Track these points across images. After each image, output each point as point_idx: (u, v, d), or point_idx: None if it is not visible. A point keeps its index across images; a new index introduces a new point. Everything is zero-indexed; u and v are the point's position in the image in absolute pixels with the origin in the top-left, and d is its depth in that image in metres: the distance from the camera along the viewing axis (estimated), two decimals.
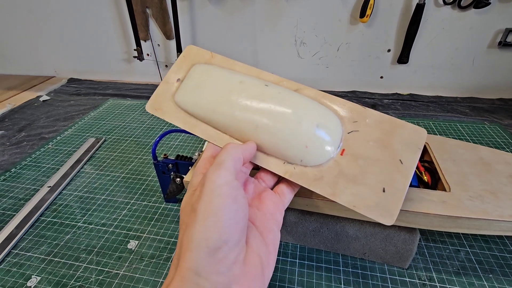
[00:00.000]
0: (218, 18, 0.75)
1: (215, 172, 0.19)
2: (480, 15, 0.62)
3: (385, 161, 0.23)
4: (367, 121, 0.25)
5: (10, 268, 0.35)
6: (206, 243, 0.16)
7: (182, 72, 0.30)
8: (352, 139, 0.24)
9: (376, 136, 0.24)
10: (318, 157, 0.24)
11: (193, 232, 0.17)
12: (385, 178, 0.23)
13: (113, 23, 0.82)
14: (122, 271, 0.34)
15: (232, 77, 0.28)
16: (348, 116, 0.26)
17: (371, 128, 0.25)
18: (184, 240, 0.18)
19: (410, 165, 0.23)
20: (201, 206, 0.18)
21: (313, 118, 0.24)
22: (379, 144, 0.24)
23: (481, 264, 0.33)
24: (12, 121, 0.68)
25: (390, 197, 0.22)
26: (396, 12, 0.66)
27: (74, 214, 0.42)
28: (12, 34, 0.90)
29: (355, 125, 0.25)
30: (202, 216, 0.17)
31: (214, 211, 0.17)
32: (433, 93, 0.73)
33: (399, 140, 0.24)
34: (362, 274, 0.32)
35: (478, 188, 0.30)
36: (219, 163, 0.20)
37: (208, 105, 0.27)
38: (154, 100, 0.30)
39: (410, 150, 0.23)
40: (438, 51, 0.68)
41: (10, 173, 0.51)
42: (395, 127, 0.24)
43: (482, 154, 0.35)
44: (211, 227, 0.17)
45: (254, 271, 0.18)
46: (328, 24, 0.70)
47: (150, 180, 0.48)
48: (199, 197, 0.18)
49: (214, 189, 0.18)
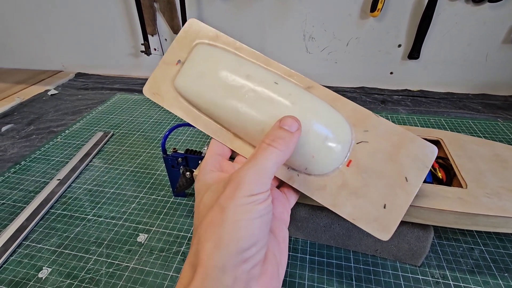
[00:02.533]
0: (226, 12, 0.74)
1: (256, 180, 0.18)
2: (495, 10, 0.61)
3: (391, 176, 0.22)
4: (378, 131, 0.24)
5: (21, 259, 0.35)
6: (238, 243, 0.16)
7: (183, 52, 0.27)
8: (360, 150, 0.23)
9: (385, 149, 0.23)
10: (323, 167, 0.23)
11: (224, 231, 0.17)
12: (388, 193, 0.22)
13: (121, 17, 0.82)
14: (132, 264, 0.34)
15: (239, 68, 0.25)
16: (359, 124, 0.24)
17: (381, 140, 0.23)
18: (207, 237, 0.17)
19: (415, 184, 0.22)
20: (233, 206, 0.17)
21: (323, 128, 0.23)
22: (386, 157, 0.23)
23: (496, 263, 0.32)
24: (21, 115, 0.69)
25: (390, 214, 0.22)
26: (408, 6, 0.64)
27: (83, 207, 0.42)
28: (21, 28, 0.91)
29: (365, 134, 0.24)
30: (233, 217, 0.17)
31: (246, 213, 0.17)
32: (444, 90, 0.72)
33: (408, 155, 0.23)
34: (374, 271, 0.32)
35: (495, 185, 0.29)
36: (262, 170, 0.18)
37: (211, 99, 0.25)
38: (152, 83, 0.27)
39: (417, 167, 0.23)
40: (450, 46, 0.67)
41: (20, 165, 0.51)
42: (406, 140, 0.23)
43: (498, 151, 0.34)
44: (244, 229, 0.17)
45: (271, 270, 0.18)
46: (337, 19, 0.69)
47: (158, 174, 0.47)
48: (230, 195, 0.17)
49: (251, 197, 0.17)
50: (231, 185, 0.18)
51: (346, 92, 0.74)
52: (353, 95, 0.72)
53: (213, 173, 0.22)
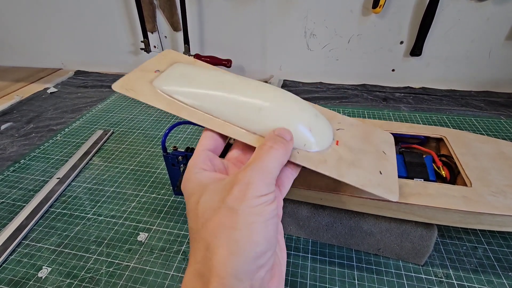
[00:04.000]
0: (226, 9, 0.73)
1: (263, 181, 0.17)
2: (498, 6, 0.60)
3: (372, 151, 0.27)
4: (347, 123, 0.29)
5: (21, 259, 0.34)
6: (255, 248, 0.15)
7: (162, 67, 0.27)
8: (341, 134, 0.27)
9: (358, 134, 0.28)
10: (319, 142, 0.24)
11: (239, 235, 0.16)
12: (377, 163, 0.26)
13: (120, 14, 0.81)
14: (132, 263, 0.33)
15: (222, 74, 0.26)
16: (331, 119, 0.29)
17: (352, 128, 0.29)
18: (219, 243, 0.16)
19: (392, 156, 0.27)
20: (245, 207, 0.16)
21: (311, 109, 0.25)
22: (363, 140, 0.28)
23: (499, 262, 0.32)
24: (21, 113, 0.69)
25: (387, 179, 0.25)
26: (411, 2, 0.63)
27: (83, 206, 0.41)
28: (20, 26, 0.90)
29: (340, 125, 0.28)
30: (247, 220, 0.16)
31: (260, 215, 0.16)
32: (446, 87, 0.71)
33: (377, 137, 0.29)
34: (377, 270, 0.32)
35: (501, 183, 0.28)
36: (268, 171, 0.18)
37: (198, 91, 0.24)
38: (126, 81, 0.26)
39: (387, 145, 0.29)
40: (453, 43, 0.66)
41: (19, 164, 0.51)
42: (370, 129, 0.30)
43: (502, 148, 0.34)
44: (259, 232, 0.16)
45: (278, 270, 0.18)
46: (339, 15, 0.68)
47: (158, 173, 0.47)
48: (239, 196, 0.17)
49: (260, 198, 0.17)
50: (239, 185, 0.17)
51: (347, 89, 0.74)
52: (355, 93, 0.72)
53: (206, 172, 0.20)
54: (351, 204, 0.29)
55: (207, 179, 0.19)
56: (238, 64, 0.81)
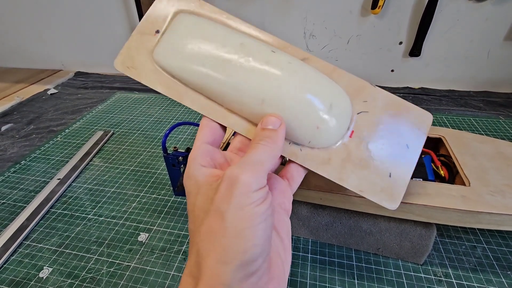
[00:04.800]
0: (226, 10, 0.73)
1: (251, 174, 0.16)
2: (497, 6, 0.60)
3: (392, 145, 0.23)
4: (376, 102, 0.23)
5: (22, 259, 0.35)
6: (243, 256, 0.15)
7: (161, 21, 0.23)
8: (361, 120, 0.23)
9: (384, 118, 0.23)
10: (327, 139, 0.22)
11: (228, 242, 0.15)
12: (391, 163, 0.22)
13: (120, 15, 0.81)
14: (133, 263, 0.34)
15: (230, 36, 0.22)
16: (357, 95, 0.23)
17: (379, 110, 0.23)
18: (208, 249, 0.15)
19: (416, 150, 0.23)
20: (231, 212, 0.15)
21: (326, 96, 0.22)
22: (387, 127, 0.23)
23: (498, 261, 0.32)
24: (21, 114, 0.69)
25: (395, 182, 0.22)
26: (409, 3, 0.64)
27: (84, 206, 0.42)
28: (20, 27, 0.90)
29: (364, 105, 0.23)
30: (236, 225, 0.15)
31: (249, 220, 0.15)
32: (445, 87, 0.71)
33: (406, 123, 0.23)
34: (376, 270, 0.32)
35: (499, 182, 0.29)
36: (256, 163, 0.17)
37: (200, 70, 0.21)
38: (125, 55, 0.23)
39: (415, 135, 0.23)
40: (451, 43, 0.66)
41: (20, 165, 0.51)
42: (403, 109, 0.23)
43: (501, 148, 0.34)
44: (249, 239, 0.15)
45: (278, 273, 0.17)
46: (338, 16, 0.69)
47: (159, 173, 0.47)
48: (226, 196, 0.16)
49: (248, 194, 0.15)
50: (225, 183, 0.16)
51: None
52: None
53: (204, 169, 0.19)
54: (350, 204, 0.30)
55: (203, 178, 0.18)
56: None
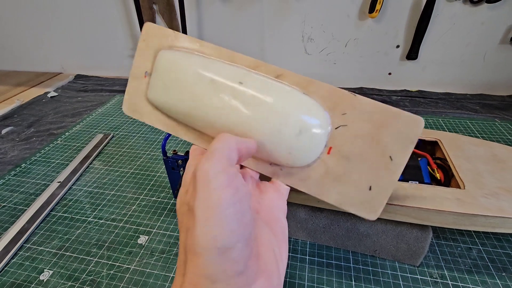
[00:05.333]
0: (225, 13, 0.74)
1: (208, 161, 0.16)
2: (493, 10, 0.61)
3: (374, 158, 0.21)
4: (357, 112, 0.21)
5: (23, 262, 0.35)
6: (215, 245, 0.14)
7: (148, 61, 0.26)
8: (340, 135, 0.22)
9: (365, 130, 0.21)
10: (303, 159, 0.22)
11: (197, 235, 0.15)
12: (372, 176, 0.21)
13: (120, 19, 0.82)
14: (133, 265, 0.34)
15: (201, 74, 0.23)
16: (336, 107, 0.22)
17: (361, 121, 0.21)
18: (188, 245, 0.16)
19: (400, 162, 0.20)
20: (198, 204, 0.15)
21: (295, 123, 0.21)
22: (368, 140, 0.21)
23: (493, 262, 0.33)
24: (21, 117, 0.69)
25: (376, 195, 0.21)
26: (406, 7, 0.64)
27: (84, 209, 0.42)
28: (20, 30, 0.91)
29: (344, 118, 0.22)
30: (203, 215, 0.15)
31: (214, 207, 0.15)
32: (442, 90, 0.72)
33: (392, 133, 0.21)
34: (373, 271, 0.32)
35: (493, 185, 0.29)
36: (212, 152, 0.17)
37: (182, 110, 0.24)
38: (128, 100, 0.27)
39: (402, 145, 0.20)
40: (448, 47, 0.67)
41: (21, 168, 0.51)
42: (389, 117, 0.21)
43: (495, 151, 0.34)
44: (216, 226, 0.15)
45: (270, 266, 0.17)
46: (336, 20, 0.69)
47: (158, 176, 0.48)
48: (194, 193, 0.16)
49: (209, 181, 0.15)
50: (192, 181, 0.16)
51: None
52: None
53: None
54: None
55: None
56: None
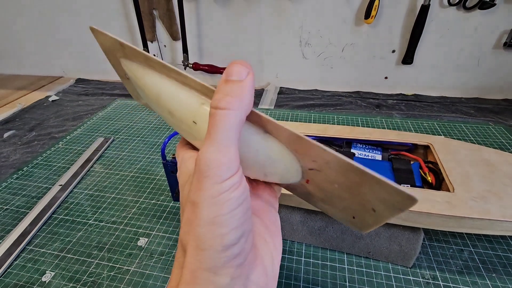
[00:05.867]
0: (224, 19, 0.76)
1: (220, 156, 0.14)
2: (485, 16, 0.63)
3: (354, 205, 0.18)
4: (329, 164, 0.17)
5: (25, 264, 0.36)
6: (222, 241, 0.14)
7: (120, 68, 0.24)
8: (315, 176, 0.18)
9: (341, 181, 0.17)
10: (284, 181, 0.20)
11: (203, 232, 0.14)
12: (356, 211, 0.18)
13: (121, 24, 0.83)
14: (132, 267, 0.35)
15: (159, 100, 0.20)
16: (303, 152, 0.18)
17: (334, 172, 0.17)
18: (190, 239, 0.15)
19: (385, 216, 0.16)
20: (203, 199, 0.14)
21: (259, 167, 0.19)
22: (346, 189, 0.17)
23: (484, 264, 0.34)
24: (23, 121, 0.70)
25: (360, 223, 0.18)
26: (401, 13, 0.66)
27: (85, 212, 0.43)
28: (22, 35, 0.92)
29: (315, 164, 0.18)
30: (209, 214, 0.14)
31: (224, 207, 0.14)
32: (437, 94, 0.73)
33: (374, 194, 0.16)
34: (367, 273, 0.33)
35: (482, 189, 0.30)
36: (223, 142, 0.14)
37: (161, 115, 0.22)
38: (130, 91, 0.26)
39: (388, 207, 0.16)
40: (443, 51, 0.68)
41: (23, 171, 0.52)
42: (370, 181, 0.15)
43: (485, 155, 0.35)
44: (225, 224, 0.14)
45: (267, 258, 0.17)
46: (333, 25, 0.71)
47: (158, 179, 0.49)
48: (197, 187, 0.15)
49: (221, 178, 0.14)
50: (196, 173, 0.15)
51: (342, 96, 0.76)
52: (349, 100, 0.74)
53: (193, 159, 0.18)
54: None
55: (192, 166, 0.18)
56: None
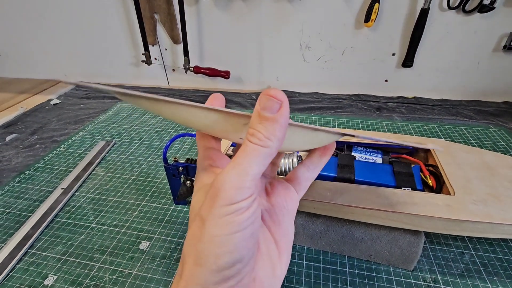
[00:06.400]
0: (224, 23, 0.76)
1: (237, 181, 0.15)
2: (485, 19, 0.63)
3: None
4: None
5: (27, 267, 0.36)
6: (216, 262, 0.15)
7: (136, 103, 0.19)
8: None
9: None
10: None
11: (203, 247, 0.15)
12: None
13: (122, 28, 0.84)
14: (134, 271, 0.35)
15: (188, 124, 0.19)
16: None
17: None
18: (189, 251, 0.16)
19: None
20: (210, 217, 0.15)
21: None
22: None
23: (485, 267, 0.34)
24: (25, 124, 0.70)
25: None
26: (401, 16, 0.66)
27: (87, 215, 0.43)
28: (23, 39, 0.93)
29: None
30: (211, 232, 0.15)
31: (225, 228, 0.15)
32: (438, 96, 0.74)
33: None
34: (368, 276, 0.33)
35: (482, 192, 0.30)
36: (244, 170, 0.15)
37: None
38: None
39: None
40: (442, 54, 0.69)
41: (25, 175, 0.52)
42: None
43: (486, 158, 0.36)
44: (222, 245, 0.15)
45: (263, 272, 0.17)
46: (333, 29, 0.71)
47: (159, 183, 0.49)
48: (209, 204, 0.15)
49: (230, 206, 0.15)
50: (210, 192, 0.16)
51: (342, 99, 0.76)
52: (349, 103, 0.74)
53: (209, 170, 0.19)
54: (342, 213, 0.31)
55: (208, 179, 0.19)
56: (236, 75, 0.83)
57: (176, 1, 0.74)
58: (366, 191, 0.31)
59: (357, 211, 0.30)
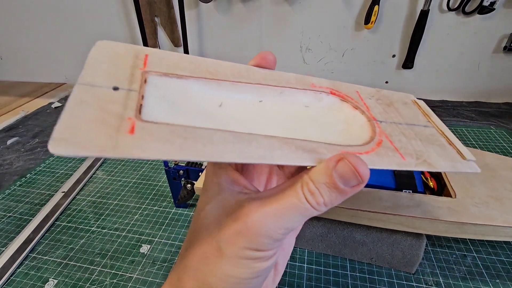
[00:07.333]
0: (224, 25, 0.76)
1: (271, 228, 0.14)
2: (485, 21, 0.63)
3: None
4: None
5: (28, 271, 0.36)
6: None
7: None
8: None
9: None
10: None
11: (214, 282, 0.14)
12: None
13: (123, 31, 0.84)
14: (135, 274, 0.35)
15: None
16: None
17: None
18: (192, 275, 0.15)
19: None
20: (231, 256, 0.14)
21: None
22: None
23: (487, 270, 0.33)
24: (26, 128, 0.71)
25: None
26: (401, 18, 0.66)
27: (87, 219, 0.43)
28: (24, 42, 0.93)
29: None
30: (228, 270, 0.14)
31: (245, 270, 0.14)
32: (438, 98, 0.73)
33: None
34: (370, 279, 0.33)
35: (484, 194, 0.30)
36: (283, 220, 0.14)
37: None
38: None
39: None
40: (443, 56, 0.69)
41: (26, 178, 0.52)
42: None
43: (487, 160, 0.35)
44: (235, 284, 0.14)
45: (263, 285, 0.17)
46: (333, 31, 0.71)
47: (160, 186, 0.49)
48: (234, 241, 0.14)
49: (256, 246, 0.14)
50: (238, 223, 0.14)
51: None
52: None
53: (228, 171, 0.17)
54: (343, 215, 0.31)
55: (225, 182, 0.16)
56: None
57: (176, 5, 0.75)
58: (367, 193, 0.31)
59: (358, 214, 0.30)
